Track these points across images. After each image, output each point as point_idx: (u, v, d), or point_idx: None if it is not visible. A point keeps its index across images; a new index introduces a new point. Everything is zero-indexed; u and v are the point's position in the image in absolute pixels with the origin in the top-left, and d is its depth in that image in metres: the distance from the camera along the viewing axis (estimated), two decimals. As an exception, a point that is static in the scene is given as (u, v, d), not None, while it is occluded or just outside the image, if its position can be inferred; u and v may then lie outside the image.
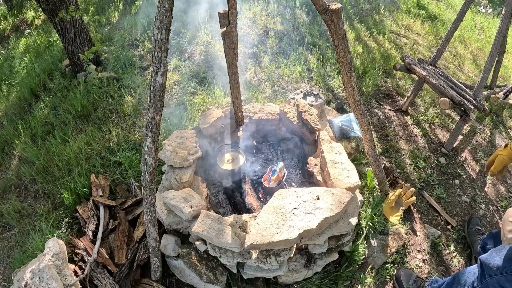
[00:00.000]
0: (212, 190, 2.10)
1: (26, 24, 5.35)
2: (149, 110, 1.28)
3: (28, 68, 3.72)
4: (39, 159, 2.55)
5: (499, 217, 2.20)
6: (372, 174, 2.18)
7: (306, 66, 3.30)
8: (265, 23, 3.91)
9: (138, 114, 2.88)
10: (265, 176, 2.02)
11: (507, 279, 1.26)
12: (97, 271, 1.73)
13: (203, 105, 2.87)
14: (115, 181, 2.34)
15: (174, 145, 1.90)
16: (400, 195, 2.12)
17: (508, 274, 1.26)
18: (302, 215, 1.57)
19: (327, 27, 1.51)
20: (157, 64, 1.19)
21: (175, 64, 3.37)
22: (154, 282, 1.77)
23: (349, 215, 1.72)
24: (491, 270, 1.31)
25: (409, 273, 1.79)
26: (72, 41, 3.13)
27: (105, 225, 1.96)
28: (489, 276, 1.32)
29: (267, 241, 1.47)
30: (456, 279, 1.52)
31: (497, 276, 1.29)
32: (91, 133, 2.70)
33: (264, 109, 2.26)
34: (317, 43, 3.63)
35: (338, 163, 1.83)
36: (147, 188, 1.46)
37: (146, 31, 3.86)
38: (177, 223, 1.74)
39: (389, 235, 2.00)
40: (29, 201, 2.42)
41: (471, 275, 1.45)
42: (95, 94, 3.05)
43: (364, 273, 1.87)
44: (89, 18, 4.48)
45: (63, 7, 2.88)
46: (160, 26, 1.12)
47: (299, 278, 1.75)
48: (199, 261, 1.69)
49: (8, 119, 3.13)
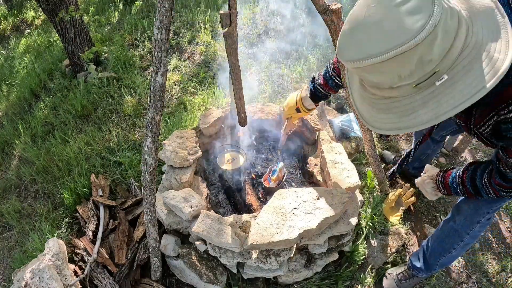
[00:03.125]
0: (212, 190, 2.10)
1: (26, 24, 5.35)
2: (149, 110, 1.28)
3: (28, 68, 3.72)
4: (39, 159, 2.55)
5: (499, 217, 2.20)
6: (372, 174, 2.18)
7: (306, 66, 3.30)
8: (265, 23, 3.91)
9: (138, 114, 2.88)
10: (265, 176, 2.02)
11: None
12: (97, 271, 1.73)
13: (203, 105, 2.87)
14: (115, 181, 2.34)
15: (174, 145, 1.90)
16: (400, 195, 2.12)
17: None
18: (302, 215, 1.57)
19: (327, 27, 1.51)
20: (157, 64, 1.19)
21: (175, 64, 3.37)
22: (154, 282, 1.77)
23: (349, 215, 1.72)
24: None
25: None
26: (72, 41, 3.14)
27: (105, 225, 1.96)
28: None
29: (267, 241, 1.47)
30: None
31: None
32: (91, 133, 2.70)
33: (264, 109, 2.26)
34: (317, 43, 3.62)
35: (338, 163, 1.83)
36: (147, 188, 1.46)
37: (146, 31, 3.86)
38: (177, 223, 1.74)
39: (389, 235, 2.00)
40: (29, 201, 2.42)
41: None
42: (95, 94, 3.05)
43: (364, 273, 1.87)
44: (89, 18, 4.49)
45: (63, 7, 2.88)
46: (160, 26, 1.12)
47: (299, 278, 1.75)
48: (199, 261, 1.69)
49: (8, 119, 3.13)
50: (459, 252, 1.52)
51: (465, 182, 1.20)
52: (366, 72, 0.73)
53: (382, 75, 0.71)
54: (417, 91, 0.73)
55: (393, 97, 0.77)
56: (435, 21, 0.62)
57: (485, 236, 2.10)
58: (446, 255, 1.54)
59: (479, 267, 1.95)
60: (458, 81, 0.70)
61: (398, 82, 0.71)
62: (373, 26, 0.67)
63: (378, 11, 0.67)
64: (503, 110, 0.82)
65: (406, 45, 0.63)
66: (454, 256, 1.55)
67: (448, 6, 0.66)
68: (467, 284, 1.89)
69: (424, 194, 1.41)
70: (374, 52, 0.66)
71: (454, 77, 0.70)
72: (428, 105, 0.73)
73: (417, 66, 0.67)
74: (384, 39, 0.65)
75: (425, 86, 0.72)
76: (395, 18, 0.65)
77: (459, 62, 0.70)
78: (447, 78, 0.70)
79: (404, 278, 1.76)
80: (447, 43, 0.67)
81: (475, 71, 0.69)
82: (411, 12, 0.64)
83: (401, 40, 0.63)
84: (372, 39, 0.67)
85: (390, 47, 0.64)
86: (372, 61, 0.67)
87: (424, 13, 0.63)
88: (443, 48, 0.67)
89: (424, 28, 0.62)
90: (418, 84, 0.71)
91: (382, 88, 0.77)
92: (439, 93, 0.72)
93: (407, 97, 0.75)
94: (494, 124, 0.87)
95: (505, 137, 0.87)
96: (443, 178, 1.31)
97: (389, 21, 0.65)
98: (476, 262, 1.96)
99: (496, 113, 0.84)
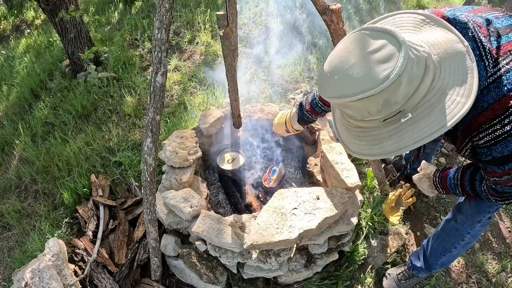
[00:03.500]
0: (212, 190, 2.10)
1: (26, 24, 5.35)
2: (149, 110, 1.28)
3: (28, 68, 3.72)
4: (39, 159, 2.55)
5: (499, 217, 2.20)
6: (372, 174, 2.18)
7: (306, 66, 3.30)
8: (265, 23, 3.91)
9: (138, 114, 2.88)
10: (265, 176, 2.02)
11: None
12: (97, 271, 1.73)
13: (203, 105, 2.87)
14: (115, 181, 2.34)
15: (174, 145, 1.90)
16: (400, 195, 2.12)
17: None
18: (302, 215, 1.57)
19: (327, 27, 1.51)
20: (157, 64, 1.19)
21: (175, 64, 3.36)
22: (154, 282, 1.77)
23: (349, 215, 1.72)
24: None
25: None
26: (72, 41, 3.14)
27: (105, 225, 1.96)
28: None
29: (267, 241, 1.47)
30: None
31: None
32: (91, 133, 2.70)
33: (264, 109, 2.26)
34: (317, 43, 3.62)
35: (338, 163, 1.83)
36: (147, 188, 1.46)
37: (146, 31, 3.86)
38: (177, 223, 1.74)
39: (389, 235, 2.00)
40: (29, 201, 2.42)
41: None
42: (95, 94, 3.05)
43: (364, 273, 1.87)
44: (89, 18, 4.49)
45: (63, 7, 2.88)
46: (160, 26, 1.12)
47: (299, 278, 1.75)
48: (199, 261, 1.69)
49: (8, 119, 3.13)
50: (459, 251, 1.52)
51: (465, 185, 1.21)
52: (340, 106, 0.85)
53: (354, 110, 0.82)
54: (385, 125, 0.84)
55: (364, 128, 0.89)
56: (400, 71, 0.71)
57: (485, 236, 2.10)
58: (446, 254, 1.54)
59: (479, 267, 1.95)
60: (420, 120, 0.80)
61: (368, 116, 0.81)
62: (346, 71, 0.77)
63: (353, 56, 0.77)
64: (475, 138, 0.91)
65: (372, 90, 0.73)
66: (455, 256, 1.55)
67: (415, 56, 0.74)
68: (467, 284, 1.89)
69: (422, 190, 1.44)
70: (345, 93, 0.77)
71: (418, 116, 0.80)
72: (392, 138, 0.83)
73: (383, 106, 0.77)
74: (354, 83, 0.75)
75: (392, 121, 0.82)
76: (366, 66, 0.75)
77: (423, 103, 0.79)
78: (411, 116, 0.80)
79: (404, 278, 1.76)
80: (411, 88, 0.76)
81: (436, 112, 0.78)
82: (380, 61, 0.73)
83: (368, 86, 0.73)
84: (345, 82, 0.77)
85: (358, 91, 0.74)
86: (344, 101, 0.78)
87: (391, 63, 0.72)
88: (407, 93, 0.76)
89: (389, 77, 0.71)
90: (385, 120, 0.81)
91: (355, 119, 0.87)
92: (402, 129, 0.82)
93: (376, 129, 0.86)
94: (471, 149, 0.97)
95: (480, 160, 0.97)
96: (440, 179, 1.32)
97: (361, 68, 0.75)
98: (476, 262, 1.96)
99: (470, 140, 0.94)
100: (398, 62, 0.71)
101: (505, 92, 0.82)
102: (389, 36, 0.75)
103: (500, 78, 0.83)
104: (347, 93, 0.76)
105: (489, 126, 0.86)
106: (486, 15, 0.94)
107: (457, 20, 0.90)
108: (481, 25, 0.89)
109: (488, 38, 0.87)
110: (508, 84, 0.82)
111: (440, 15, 0.92)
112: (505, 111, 0.83)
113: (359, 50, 0.77)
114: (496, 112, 0.84)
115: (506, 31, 0.89)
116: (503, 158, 0.89)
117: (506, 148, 0.86)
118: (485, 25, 0.89)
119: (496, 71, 0.84)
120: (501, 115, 0.83)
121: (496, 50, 0.85)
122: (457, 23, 0.89)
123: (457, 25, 0.89)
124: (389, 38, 0.74)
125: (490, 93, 0.84)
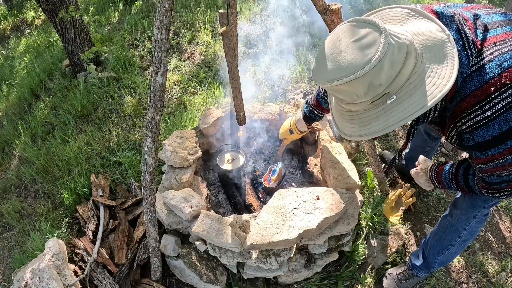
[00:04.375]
0: (212, 190, 2.10)
1: (26, 24, 5.35)
2: (149, 110, 1.28)
3: (28, 68, 3.72)
4: (39, 159, 2.55)
5: (499, 217, 2.20)
6: (372, 174, 2.18)
7: (306, 66, 3.30)
8: (265, 23, 3.92)
9: (138, 114, 2.88)
10: (265, 176, 2.02)
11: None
12: (97, 271, 1.74)
13: (203, 105, 2.87)
14: (115, 181, 2.34)
15: (174, 145, 1.90)
16: (400, 195, 2.12)
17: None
18: (302, 215, 1.57)
19: (327, 27, 1.51)
20: (157, 64, 1.19)
21: (175, 64, 3.37)
22: (154, 282, 1.77)
23: (349, 215, 1.72)
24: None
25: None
26: (72, 41, 3.14)
27: (105, 225, 1.96)
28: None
29: (267, 241, 1.47)
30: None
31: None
32: (91, 133, 2.70)
33: (264, 109, 2.26)
34: (317, 43, 3.63)
35: (338, 163, 1.83)
36: (147, 188, 1.46)
37: (146, 31, 3.86)
38: (177, 223, 1.74)
39: (389, 235, 2.00)
40: (29, 201, 2.42)
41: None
42: (95, 94, 3.05)
43: (364, 273, 1.87)
44: (89, 18, 4.49)
45: (63, 7, 2.89)
46: (160, 26, 1.13)
47: (299, 278, 1.75)
48: (199, 261, 1.69)
49: (8, 119, 3.13)
50: (457, 249, 1.52)
51: (459, 179, 1.23)
52: (332, 91, 0.93)
53: (344, 93, 0.90)
54: (373, 107, 0.91)
55: (355, 111, 0.97)
56: (381, 55, 0.78)
57: (485, 236, 2.10)
58: (444, 252, 1.54)
59: (479, 267, 1.95)
60: (403, 101, 0.87)
61: (357, 99, 0.89)
62: (335, 57, 0.86)
63: (340, 45, 0.86)
64: (458, 123, 0.97)
65: (357, 73, 0.81)
66: (453, 254, 1.56)
67: (396, 42, 0.81)
68: (467, 284, 1.89)
69: (419, 184, 1.46)
70: (333, 77, 0.85)
71: (401, 98, 0.87)
72: (379, 119, 0.91)
73: (369, 88, 0.84)
74: (342, 68, 0.84)
75: (379, 103, 0.90)
76: (352, 52, 0.83)
77: (407, 85, 0.87)
78: (396, 98, 0.87)
79: (404, 278, 1.76)
80: (393, 72, 0.83)
81: (418, 93, 0.86)
82: (364, 47, 0.81)
83: (353, 69, 0.81)
84: (333, 68, 0.86)
85: (345, 75, 0.82)
86: (332, 84, 0.86)
87: (373, 48, 0.80)
88: (389, 75, 0.83)
89: (371, 61, 0.79)
90: (373, 102, 0.89)
91: (346, 103, 0.95)
92: (388, 110, 0.89)
93: (366, 111, 0.94)
94: (457, 135, 1.03)
95: (465, 146, 1.01)
96: (436, 173, 1.34)
97: (347, 54, 0.83)
98: (476, 262, 1.96)
99: (454, 125, 1.00)
100: (379, 47, 0.79)
101: (486, 80, 0.87)
102: (372, 25, 0.83)
103: (483, 67, 0.88)
104: (334, 77, 0.85)
105: (471, 111, 0.91)
106: (476, 11, 0.98)
107: (444, 13, 0.96)
108: (468, 18, 0.94)
109: (473, 31, 0.92)
110: (490, 73, 0.87)
111: (429, 10, 0.99)
112: (486, 97, 0.87)
113: (346, 39, 0.85)
114: (478, 98, 0.89)
115: (495, 26, 0.93)
116: (485, 143, 0.93)
117: (487, 132, 0.90)
118: (472, 19, 0.94)
119: (479, 61, 0.89)
120: (482, 101, 0.88)
121: (481, 41, 0.91)
122: (443, 16, 0.95)
123: (443, 18, 0.95)
124: (372, 27, 0.83)
125: (472, 81, 0.89)
